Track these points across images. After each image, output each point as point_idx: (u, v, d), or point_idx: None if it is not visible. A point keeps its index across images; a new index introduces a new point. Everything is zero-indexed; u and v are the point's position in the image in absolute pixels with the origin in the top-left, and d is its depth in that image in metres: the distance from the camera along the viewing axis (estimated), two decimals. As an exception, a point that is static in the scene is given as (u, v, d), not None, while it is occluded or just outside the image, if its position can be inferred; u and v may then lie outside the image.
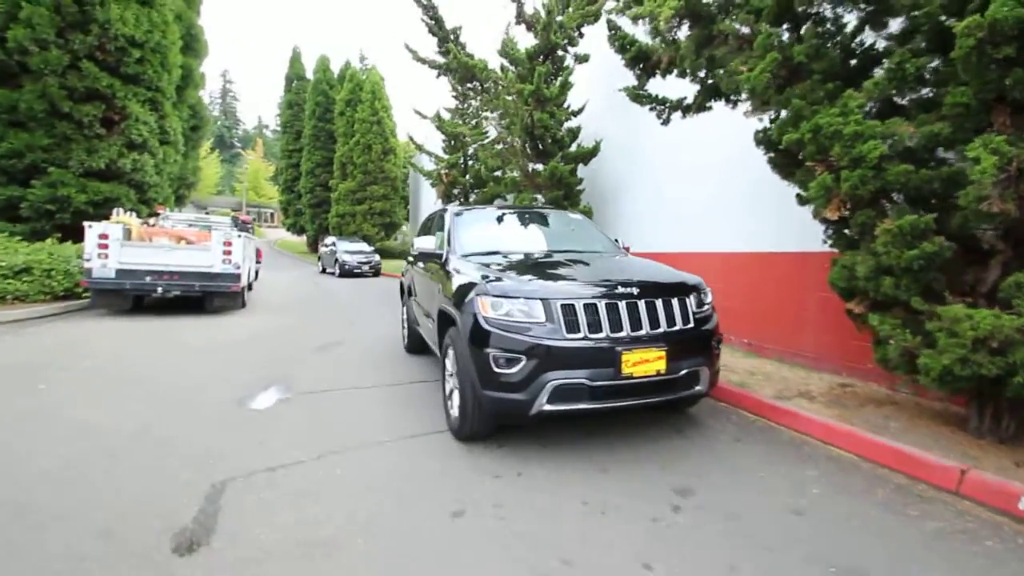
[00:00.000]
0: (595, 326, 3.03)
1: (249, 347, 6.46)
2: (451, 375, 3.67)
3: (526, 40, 8.74)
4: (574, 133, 8.35)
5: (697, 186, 6.89)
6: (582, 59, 8.03)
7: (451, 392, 3.67)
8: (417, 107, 14.79)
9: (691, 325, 3.26)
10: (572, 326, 3.01)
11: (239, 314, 9.22)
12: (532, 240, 4.63)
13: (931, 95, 2.95)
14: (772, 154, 4.07)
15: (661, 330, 3.14)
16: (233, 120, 78.50)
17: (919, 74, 2.84)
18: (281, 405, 4.24)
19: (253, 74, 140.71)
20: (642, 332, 3.09)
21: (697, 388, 3.30)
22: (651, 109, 5.26)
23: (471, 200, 13.84)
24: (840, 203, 3.19)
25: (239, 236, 9.28)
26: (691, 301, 3.35)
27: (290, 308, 10.32)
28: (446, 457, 3.23)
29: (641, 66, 5.00)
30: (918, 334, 3.06)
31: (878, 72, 3.19)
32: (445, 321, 3.82)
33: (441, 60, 11.39)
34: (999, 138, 2.44)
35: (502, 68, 7.69)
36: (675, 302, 3.26)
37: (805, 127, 3.18)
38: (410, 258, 6.05)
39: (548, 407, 2.98)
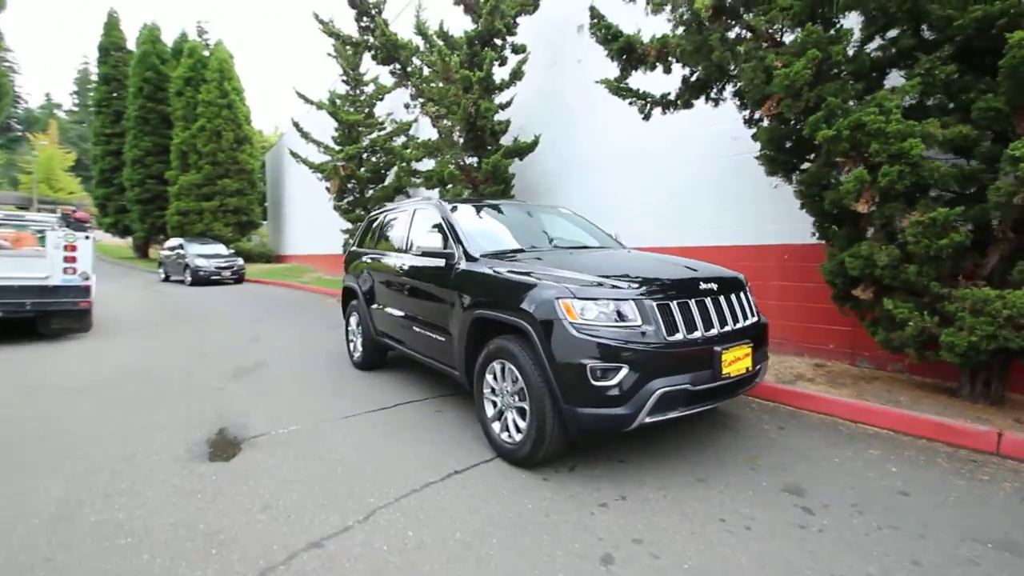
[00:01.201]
0: (690, 325, 2.82)
1: (142, 380, 5.05)
2: (498, 393, 3.18)
3: (456, 23, 8.20)
4: (504, 126, 8.06)
5: (642, 183, 7.08)
6: (519, 49, 7.76)
7: (499, 413, 3.17)
8: (301, 90, 13.07)
9: (758, 318, 3.23)
10: (671, 327, 2.76)
11: (90, 338, 7.26)
12: (541, 235, 4.25)
13: (946, 99, 3.28)
14: (768, 152, 4.27)
15: (745, 325, 3.05)
16: (11, 98, 62.54)
17: (948, 80, 3.14)
18: (252, 455, 3.30)
19: (38, 41, 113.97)
20: (731, 328, 2.96)
21: (758, 381, 3.29)
22: (631, 104, 5.21)
23: (368, 196, 12.75)
24: (870, 196, 3.41)
25: (86, 238, 7.30)
26: (750, 294, 3.32)
27: (156, 326, 8.42)
28: (526, 491, 2.76)
29: (625, 58, 4.90)
30: (935, 315, 3.40)
31: (894, 75, 3.48)
32: (482, 332, 3.30)
33: (356, 35, 10.18)
34: (1041, 139, 2.78)
35: (439, 51, 7.06)
36: (743, 296, 3.20)
37: (842, 123, 3.34)
38: (367, 259, 5.23)
39: (648, 419, 2.70)
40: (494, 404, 3.25)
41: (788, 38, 3.76)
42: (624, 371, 2.64)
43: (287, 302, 12.08)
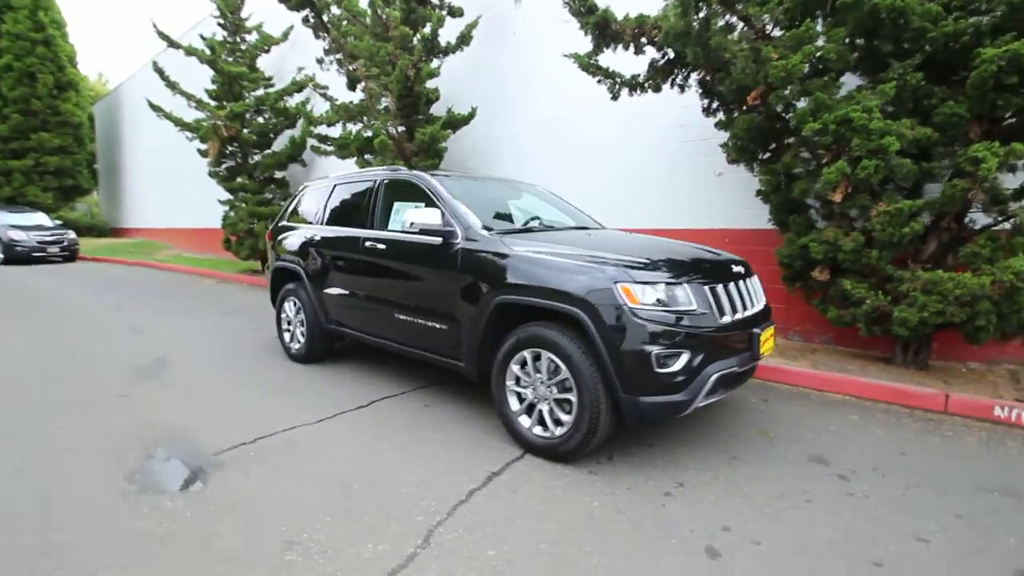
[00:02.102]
0: (733, 308, 2.84)
1: (15, 393, 3.87)
2: (526, 385, 2.92)
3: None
4: (436, 95, 7.50)
5: (580, 165, 7.09)
6: (456, 12, 7.19)
7: (529, 406, 2.93)
8: (162, 29, 10.79)
9: (766, 300, 3.38)
10: (720, 310, 2.74)
11: None
12: (530, 213, 4.00)
13: (911, 103, 3.69)
14: (739, 141, 4.49)
15: (765, 305, 3.16)
16: None
17: (916, 85, 3.52)
18: (223, 477, 2.67)
19: None
20: (759, 309, 3.04)
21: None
22: (600, 82, 5.12)
23: (254, 163, 11.19)
24: (845, 187, 3.75)
25: None
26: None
27: (-9, 316, 6.55)
28: (580, 487, 2.58)
29: (599, 34, 4.79)
30: (888, 295, 3.88)
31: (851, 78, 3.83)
32: (506, 319, 3.00)
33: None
34: (996, 143, 3.24)
35: (373, 2, 6.22)
36: (756, 278, 3.31)
37: (829, 118, 3.60)
38: (317, 237, 4.50)
39: (701, 403, 2.68)
40: (519, 397, 3.00)
41: (776, 32, 3.94)
42: (686, 356, 2.57)
43: (150, 284, 10.20)
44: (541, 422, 2.89)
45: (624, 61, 5.16)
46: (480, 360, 3.17)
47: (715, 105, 4.93)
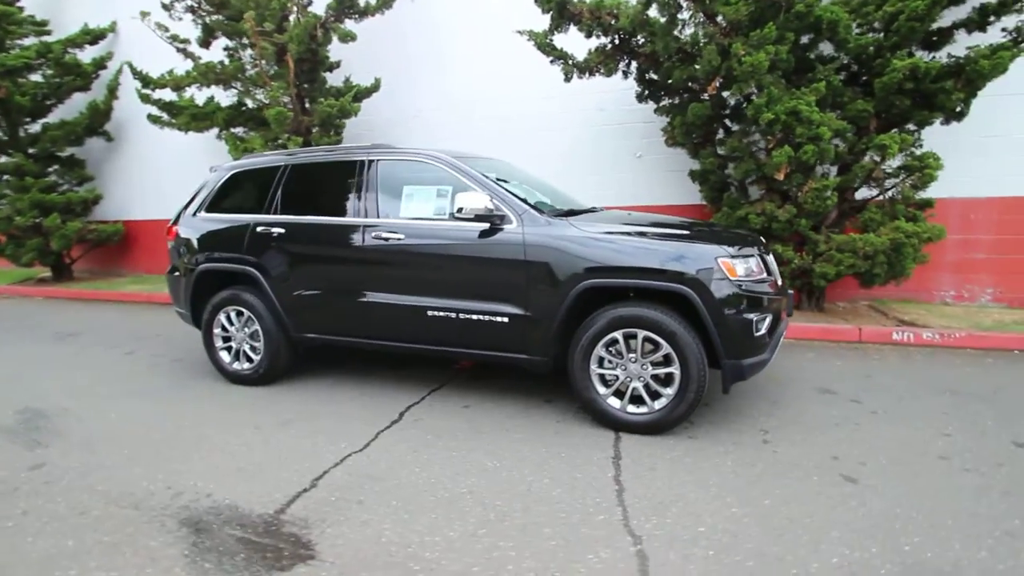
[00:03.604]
0: (775, 273, 3.25)
1: None
2: (617, 366, 2.95)
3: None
4: (335, 64, 6.57)
5: (495, 148, 7.04)
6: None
7: (620, 387, 2.96)
8: None
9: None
10: (772, 275, 3.12)
11: None
12: (542, 195, 3.89)
13: (831, 100, 4.58)
14: (683, 126, 5.03)
15: (778, 272, 3.68)
16: None
17: (837, 85, 4.39)
18: (333, 543, 2.19)
19: None
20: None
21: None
22: (552, 62, 5.14)
23: (35, 135, 8.45)
24: (786, 168, 4.52)
25: None
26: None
27: None
28: (701, 452, 2.75)
29: (557, 12, 4.80)
30: (809, 255, 4.84)
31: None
32: (587, 304, 2.96)
33: None
34: (896, 134, 4.26)
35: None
36: (764, 248, 3.81)
37: (780, 109, 4.28)
38: (277, 229, 3.68)
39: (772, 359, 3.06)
40: (603, 380, 3.00)
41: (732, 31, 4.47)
42: (769, 319, 2.91)
43: None
44: (633, 400, 2.95)
45: (565, 43, 5.26)
46: (559, 348, 3.08)
47: (654, 93, 5.39)
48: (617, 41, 5.05)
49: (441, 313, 3.29)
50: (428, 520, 2.20)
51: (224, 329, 3.96)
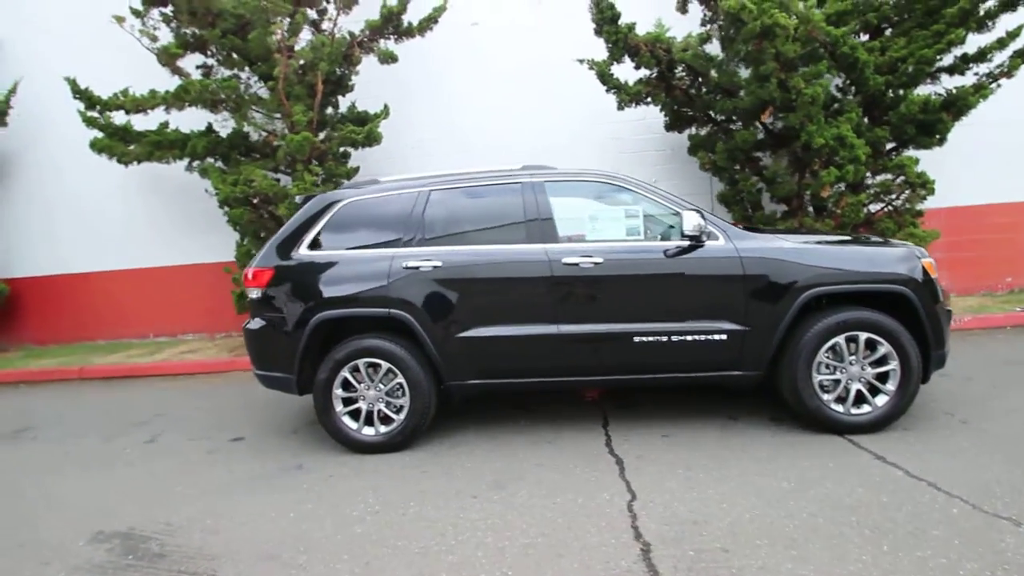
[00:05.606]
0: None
1: None
2: (837, 371, 3.05)
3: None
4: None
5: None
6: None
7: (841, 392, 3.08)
8: None
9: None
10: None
11: None
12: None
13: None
14: (716, 154, 5.50)
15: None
16: None
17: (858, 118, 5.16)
18: None
19: None
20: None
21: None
22: (608, 91, 5.29)
23: None
24: (830, 185, 5.15)
25: None
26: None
27: None
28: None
29: (615, 44, 5.00)
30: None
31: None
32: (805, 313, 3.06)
33: None
34: (911, 156, 5.11)
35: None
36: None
37: (829, 134, 4.88)
38: (434, 264, 3.19)
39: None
40: (822, 386, 3.09)
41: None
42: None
43: None
44: (856, 402, 3.08)
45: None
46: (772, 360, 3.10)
47: (679, 123, 5.81)
48: (657, 73, 5.39)
49: (650, 338, 3.13)
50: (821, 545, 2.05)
51: (347, 389, 3.30)
